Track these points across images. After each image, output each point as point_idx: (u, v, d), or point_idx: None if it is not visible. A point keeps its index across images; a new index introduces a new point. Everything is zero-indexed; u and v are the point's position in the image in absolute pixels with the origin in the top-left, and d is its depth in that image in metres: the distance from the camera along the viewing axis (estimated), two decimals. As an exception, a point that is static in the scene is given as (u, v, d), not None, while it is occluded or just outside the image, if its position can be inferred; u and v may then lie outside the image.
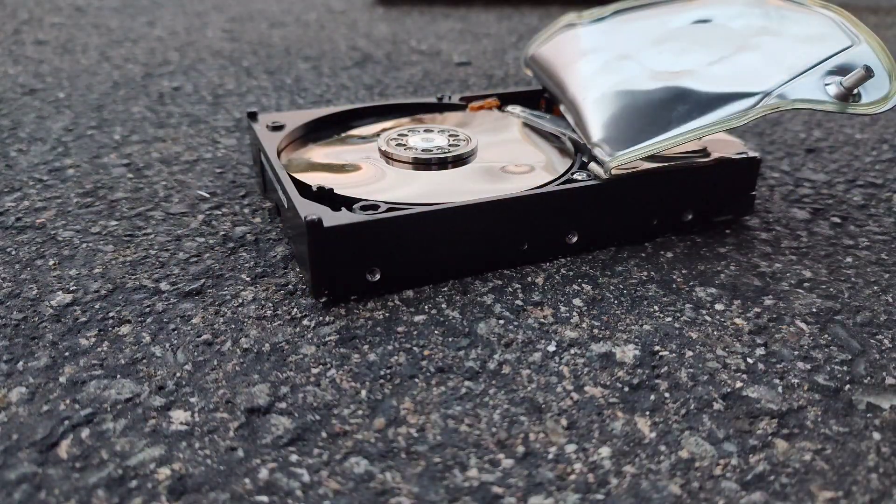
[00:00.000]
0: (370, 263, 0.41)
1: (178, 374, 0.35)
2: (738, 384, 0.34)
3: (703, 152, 0.48)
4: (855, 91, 0.42)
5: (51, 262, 0.45)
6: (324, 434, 0.31)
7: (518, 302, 0.41)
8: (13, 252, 0.46)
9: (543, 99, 0.61)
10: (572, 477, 0.29)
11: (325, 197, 0.42)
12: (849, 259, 0.46)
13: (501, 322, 0.39)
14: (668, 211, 0.48)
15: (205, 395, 0.34)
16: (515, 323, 0.39)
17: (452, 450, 0.31)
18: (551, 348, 0.37)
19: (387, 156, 0.49)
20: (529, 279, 0.43)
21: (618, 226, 0.47)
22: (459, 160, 0.49)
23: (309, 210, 0.40)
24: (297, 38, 1.11)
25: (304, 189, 0.43)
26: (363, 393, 0.34)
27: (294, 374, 0.35)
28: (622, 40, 0.53)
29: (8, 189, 0.56)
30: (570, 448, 0.31)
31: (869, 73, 0.41)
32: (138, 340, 0.37)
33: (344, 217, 0.40)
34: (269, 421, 0.32)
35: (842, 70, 0.43)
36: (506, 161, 0.50)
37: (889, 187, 0.57)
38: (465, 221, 0.42)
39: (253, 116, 0.55)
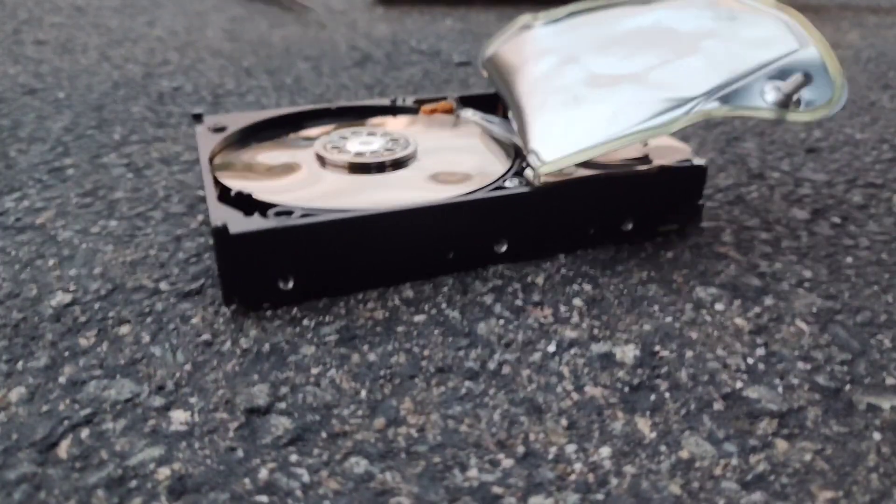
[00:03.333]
0: (283, 271, 0.39)
1: (177, 375, 0.35)
2: (739, 384, 0.34)
3: (645, 159, 0.46)
4: (795, 97, 0.41)
5: (50, 262, 0.45)
6: (324, 434, 0.31)
7: (518, 302, 0.41)
8: (13, 252, 0.46)
9: (500, 104, 0.59)
10: (572, 477, 0.29)
11: (244, 201, 0.41)
12: (849, 259, 0.46)
13: (501, 322, 0.39)
14: (605, 220, 0.46)
15: (204, 396, 0.34)
16: (515, 323, 0.39)
17: (452, 450, 0.31)
18: (551, 348, 0.37)
19: (322, 160, 0.48)
20: (529, 279, 0.43)
21: (550, 234, 0.45)
22: (397, 164, 0.48)
23: (221, 215, 0.39)
24: (296, 37, 1.11)
25: (225, 193, 0.42)
26: (363, 393, 0.34)
27: (294, 375, 0.35)
28: (572, 43, 0.52)
29: (8, 189, 0.56)
30: (571, 448, 0.31)
31: (807, 79, 0.40)
32: (138, 340, 0.37)
33: (253, 223, 0.38)
34: (268, 421, 0.32)
35: (784, 75, 0.42)
36: (446, 166, 0.48)
37: (889, 187, 0.57)
38: (382, 229, 0.41)
39: (198, 118, 0.53)
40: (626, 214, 0.47)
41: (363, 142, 0.50)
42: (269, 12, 1.26)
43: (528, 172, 0.44)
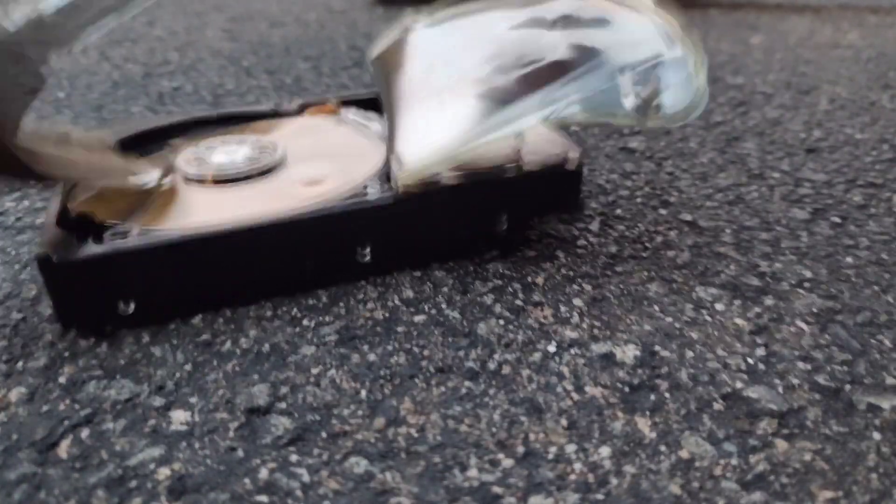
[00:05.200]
0: (121, 294, 0.37)
1: (177, 374, 0.35)
2: (739, 384, 0.34)
3: (517, 161, 0.44)
4: (654, 102, 0.40)
5: (50, 262, 0.45)
6: (324, 434, 0.31)
7: (518, 302, 0.41)
8: (13, 252, 0.46)
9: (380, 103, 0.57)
10: (572, 477, 0.29)
11: (85, 223, 0.39)
12: (849, 259, 0.46)
13: (501, 322, 0.39)
14: (476, 225, 0.44)
15: (204, 395, 0.34)
16: (515, 323, 0.39)
17: (452, 450, 0.31)
18: (551, 348, 0.37)
19: (183, 173, 0.46)
20: (529, 279, 0.43)
21: (417, 242, 0.43)
22: (263, 173, 0.45)
23: (50, 240, 0.37)
24: (296, 37, 1.11)
25: (66, 216, 0.40)
26: (363, 393, 0.34)
27: (294, 374, 0.35)
28: (448, 45, 0.51)
29: (8, 189, 0.56)
30: (571, 448, 0.31)
31: (664, 86, 0.40)
32: (138, 340, 0.37)
33: (79, 250, 0.36)
34: (268, 421, 0.32)
35: (646, 79, 0.41)
36: (313, 172, 0.46)
37: (889, 187, 0.57)
38: (223, 247, 0.39)
39: None
40: (500, 217, 0.45)
41: (229, 151, 0.48)
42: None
43: (393, 178, 0.42)
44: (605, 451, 0.31)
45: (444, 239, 0.44)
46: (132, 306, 0.38)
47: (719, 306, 0.41)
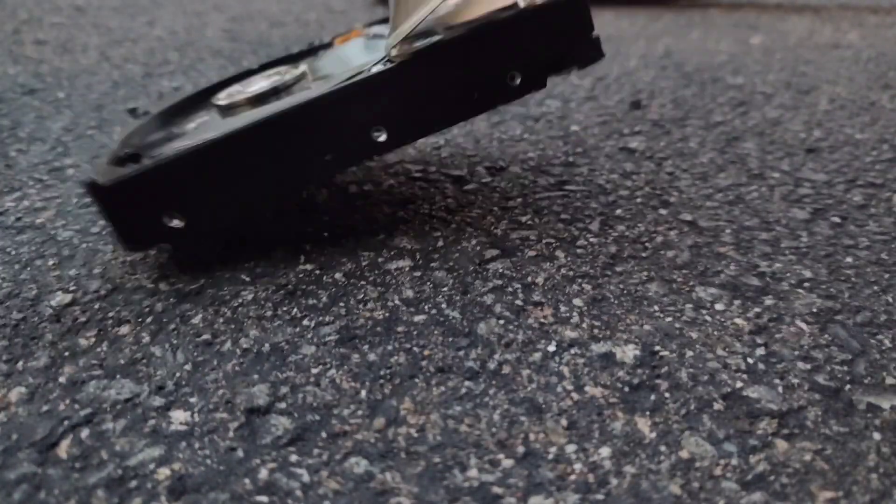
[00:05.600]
0: (164, 209, 0.41)
1: (177, 374, 0.35)
2: (739, 384, 0.34)
3: (513, 6, 0.43)
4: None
5: (50, 262, 0.45)
6: (324, 434, 0.31)
7: (518, 302, 0.41)
8: (13, 252, 0.46)
9: None
10: (572, 477, 0.29)
11: (133, 160, 0.43)
12: (849, 259, 0.46)
13: (501, 322, 0.39)
14: (486, 81, 0.43)
15: (204, 395, 0.34)
16: (515, 323, 0.39)
17: (452, 450, 0.31)
18: (551, 348, 0.37)
19: (218, 108, 0.49)
20: (529, 279, 0.43)
21: (427, 111, 0.42)
22: (287, 89, 0.48)
23: (102, 170, 0.41)
24: (296, 37, 1.11)
25: (120, 160, 0.44)
26: (363, 393, 0.34)
27: (294, 374, 0.35)
28: None
29: (8, 189, 0.56)
30: (571, 448, 0.31)
31: None
32: (138, 340, 0.37)
33: (119, 171, 0.40)
34: (268, 421, 0.32)
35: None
36: (331, 70, 0.49)
37: (889, 187, 0.57)
38: (246, 146, 0.40)
39: (133, 112, 0.56)
40: (509, 69, 0.43)
41: (256, 81, 0.51)
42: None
43: (386, 48, 0.42)
44: (605, 451, 0.31)
45: (453, 101, 0.43)
46: (178, 221, 0.41)
47: (719, 306, 0.41)
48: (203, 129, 0.48)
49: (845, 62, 0.97)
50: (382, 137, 0.42)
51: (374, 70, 0.41)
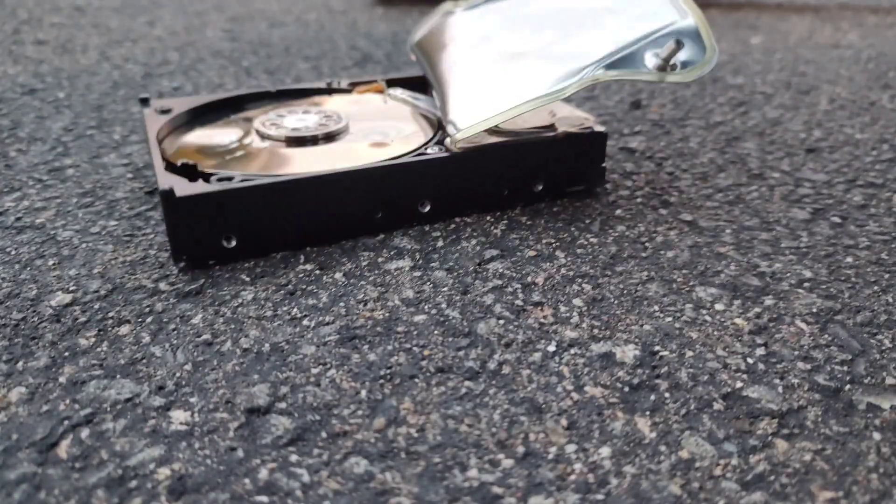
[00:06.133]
0: (226, 230, 0.43)
1: (177, 375, 0.35)
2: (739, 384, 0.34)
3: (551, 127, 0.52)
4: (672, 62, 0.47)
5: (50, 262, 0.45)
6: (324, 434, 0.31)
7: (518, 302, 0.41)
8: (13, 252, 0.46)
9: (427, 82, 0.64)
10: (572, 477, 0.29)
11: (189, 171, 0.45)
12: (849, 259, 0.46)
13: (501, 322, 0.39)
14: (517, 182, 0.51)
15: (204, 395, 0.34)
16: (515, 323, 0.39)
17: (452, 450, 0.31)
18: (551, 348, 0.37)
19: (261, 135, 0.53)
20: (529, 279, 0.43)
21: (468, 196, 0.50)
22: (330, 137, 0.52)
23: (169, 181, 0.43)
24: (296, 37, 1.11)
25: (171, 166, 0.47)
26: (363, 393, 0.34)
27: (294, 374, 0.35)
28: (488, 25, 0.59)
29: (8, 189, 0.56)
30: (571, 448, 0.31)
31: (679, 45, 0.46)
32: (138, 340, 0.37)
33: (197, 187, 0.42)
34: (268, 421, 0.32)
35: (664, 43, 0.48)
36: (375, 138, 0.53)
37: (889, 187, 0.57)
38: (314, 192, 0.45)
39: (145, 102, 0.57)
40: (536, 177, 0.52)
41: (299, 119, 0.55)
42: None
43: (447, 140, 0.49)
44: (605, 451, 0.31)
45: (489, 193, 0.51)
46: (233, 242, 0.44)
47: (719, 306, 0.41)
48: (256, 152, 0.51)
49: (845, 62, 0.97)
50: (427, 209, 0.49)
51: (436, 154, 0.48)
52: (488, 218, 0.51)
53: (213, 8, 1.34)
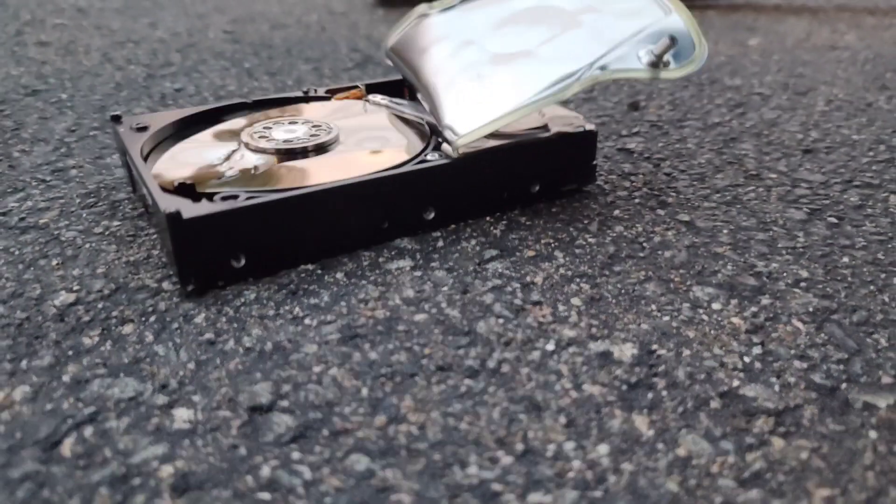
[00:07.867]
0: (234, 250, 0.42)
1: (180, 373, 0.35)
2: (736, 383, 0.35)
3: (545, 128, 0.52)
4: (665, 58, 0.47)
5: (54, 262, 0.45)
6: (325, 432, 0.32)
7: (517, 301, 0.41)
8: (16, 252, 0.47)
9: (405, 87, 0.63)
10: (571, 474, 0.30)
11: (186, 191, 0.43)
12: (845, 259, 0.46)
13: (501, 321, 0.39)
14: (515, 184, 0.51)
15: (207, 394, 0.34)
16: (515, 322, 0.39)
17: (452, 447, 0.31)
18: (550, 347, 0.37)
19: (251, 148, 0.51)
20: (528, 279, 0.43)
21: (470, 200, 0.50)
22: (321, 148, 0.51)
23: (172, 203, 0.41)
24: (298, 39, 1.11)
25: (164, 187, 0.45)
26: (364, 391, 0.34)
27: (296, 373, 0.35)
28: (468, 27, 0.58)
29: (11, 189, 0.56)
30: (569, 446, 0.31)
31: (673, 41, 0.47)
32: (141, 339, 0.38)
33: (203, 208, 0.41)
34: (271, 419, 0.32)
35: (654, 40, 0.48)
36: (369, 146, 0.52)
37: (885, 188, 0.57)
38: (321, 204, 0.44)
39: (117, 119, 0.55)
40: (533, 178, 0.52)
41: (287, 130, 0.53)
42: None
43: (446, 146, 0.49)
44: (603, 448, 0.31)
45: (490, 196, 0.51)
46: (242, 261, 0.43)
47: (716, 305, 0.41)
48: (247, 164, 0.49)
49: (842, 63, 0.97)
50: (431, 216, 0.49)
51: (438, 161, 0.48)
52: (488, 218, 0.51)
53: (215, 10, 1.34)
